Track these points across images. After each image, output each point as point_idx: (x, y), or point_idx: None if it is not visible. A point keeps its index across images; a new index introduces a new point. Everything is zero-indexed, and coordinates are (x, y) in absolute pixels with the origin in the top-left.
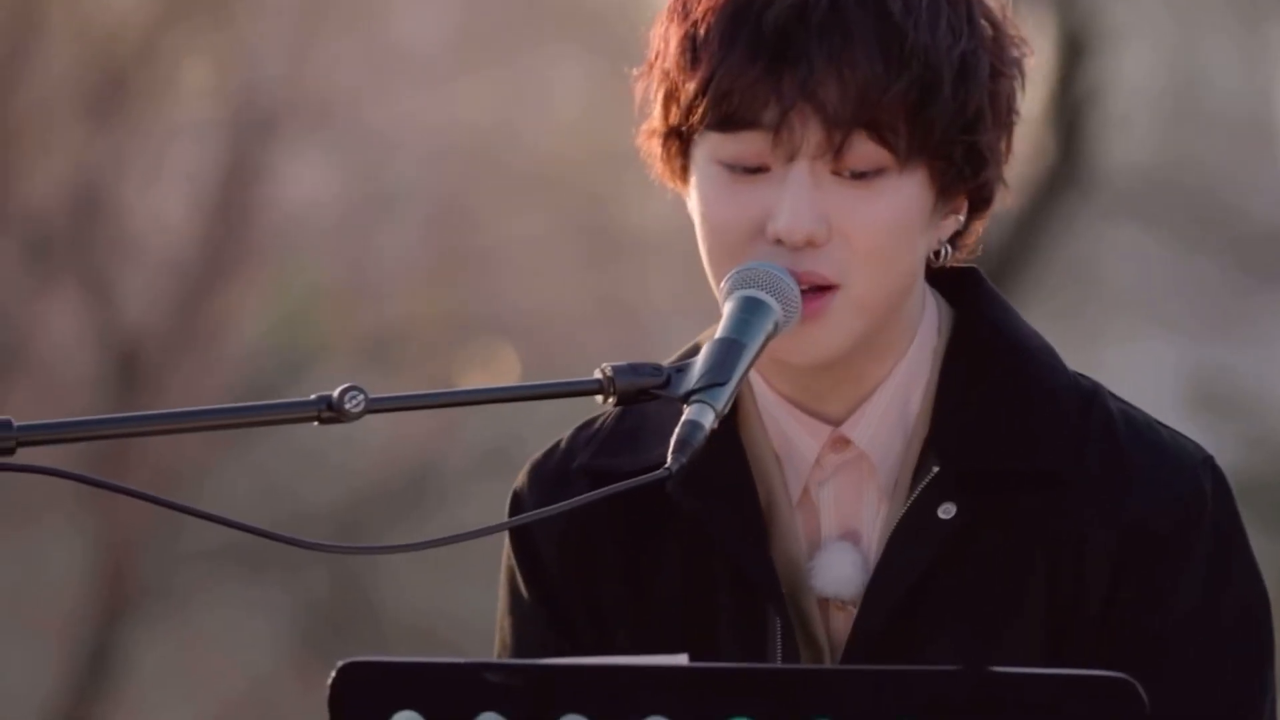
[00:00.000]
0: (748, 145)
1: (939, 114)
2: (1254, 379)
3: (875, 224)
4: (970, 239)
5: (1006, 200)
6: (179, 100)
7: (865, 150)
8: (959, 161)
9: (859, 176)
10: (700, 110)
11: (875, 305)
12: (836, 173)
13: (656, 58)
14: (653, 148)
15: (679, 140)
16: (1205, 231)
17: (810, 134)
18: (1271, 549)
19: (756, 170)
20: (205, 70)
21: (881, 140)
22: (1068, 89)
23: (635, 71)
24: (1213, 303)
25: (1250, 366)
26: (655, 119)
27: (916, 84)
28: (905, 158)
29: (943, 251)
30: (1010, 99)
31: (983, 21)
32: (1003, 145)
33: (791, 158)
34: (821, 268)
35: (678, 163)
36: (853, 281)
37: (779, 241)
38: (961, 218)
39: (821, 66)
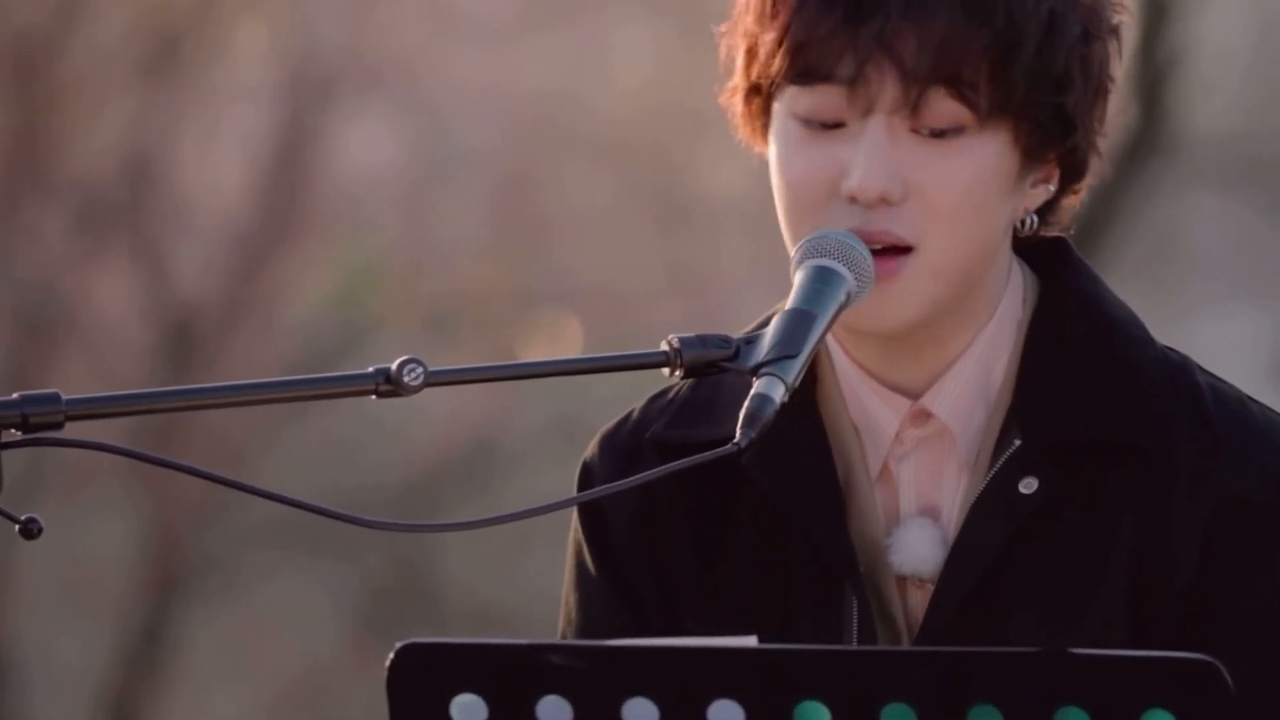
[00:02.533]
0: (824, 99)
1: (1022, 71)
2: None
3: (953, 183)
4: (1063, 214)
5: (1102, 171)
6: (234, 64)
7: (944, 106)
8: (1045, 124)
9: (937, 134)
10: (777, 63)
11: (951, 270)
12: (914, 129)
13: (740, 13)
14: (735, 106)
15: (760, 97)
16: None
17: (887, 88)
18: None
19: (834, 127)
20: (261, 33)
21: (961, 96)
22: (1150, 52)
23: (721, 29)
24: None
25: None
26: (737, 76)
27: (999, 39)
28: (986, 115)
29: (1028, 221)
30: (1104, 64)
31: None
32: (1096, 112)
33: (868, 112)
34: (896, 227)
35: (759, 121)
36: (928, 244)
37: (853, 199)
38: (1052, 187)
39: (898, 18)
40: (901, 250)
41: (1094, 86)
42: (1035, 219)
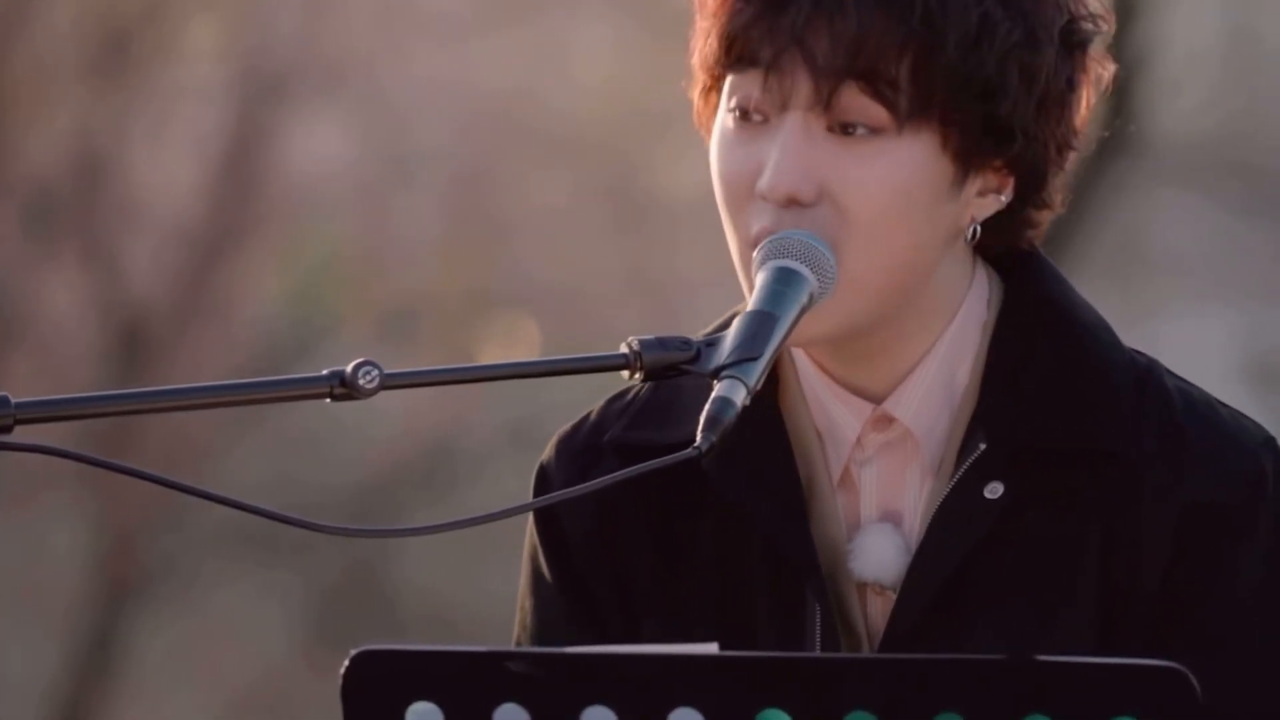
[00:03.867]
0: (750, 88)
1: (943, 73)
2: None
3: (870, 188)
4: (1026, 228)
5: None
6: (186, 61)
7: (859, 104)
8: (975, 130)
9: (852, 132)
10: (712, 49)
11: (871, 283)
12: (830, 128)
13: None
14: (697, 102)
15: (712, 92)
16: (1263, 198)
17: (800, 83)
18: None
19: (760, 122)
20: (213, 29)
21: (876, 94)
22: (1118, 50)
23: (690, 30)
24: (1272, 273)
25: None
26: (694, 69)
27: (915, 37)
28: (906, 117)
29: (973, 231)
30: (1055, 73)
31: None
32: (1051, 124)
33: (784, 107)
34: (805, 229)
35: (711, 114)
36: (841, 253)
37: (764, 199)
38: (1004, 198)
39: (811, 10)
40: None
41: (1041, 95)
42: (978, 229)
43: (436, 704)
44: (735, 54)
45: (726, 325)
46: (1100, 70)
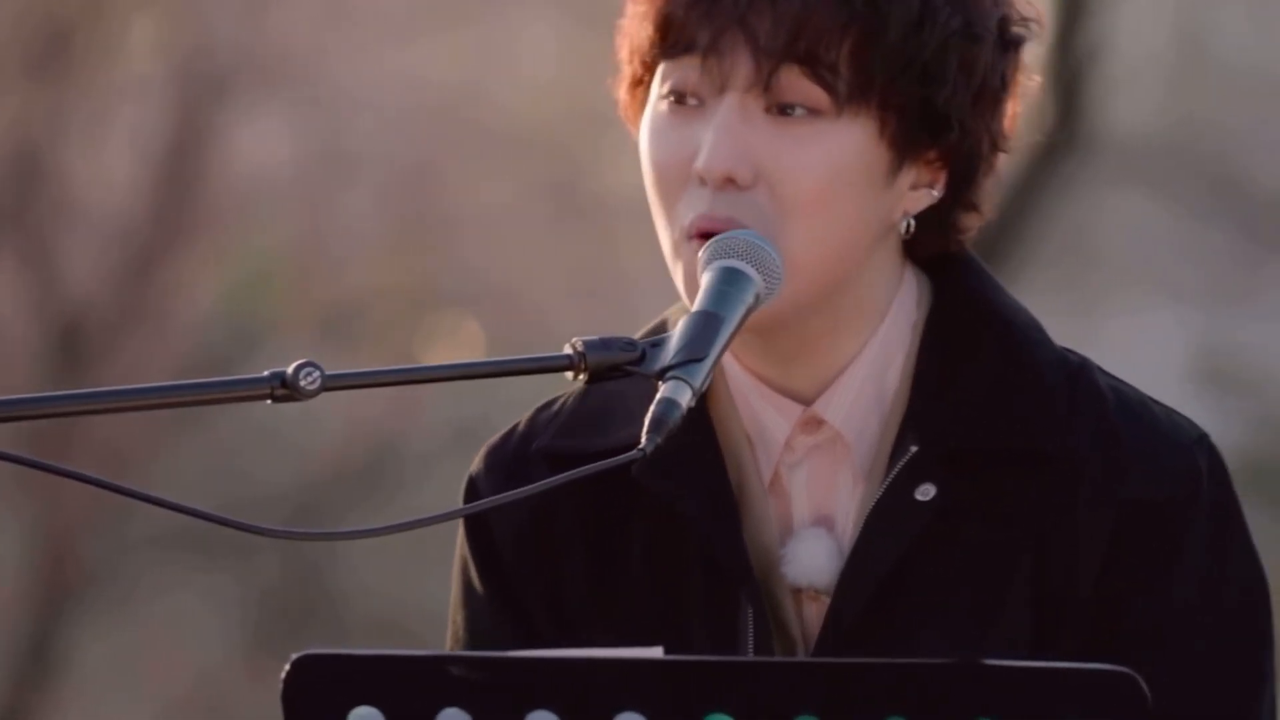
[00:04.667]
0: (686, 73)
1: (883, 56)
2: (1264, 354)
3: (806, 170)
4: (955, 231)
5: (1009, 173)
6: (125, 59)
7: (799, 86)
8: (912, 117)
9: (790, 114)
10: (645, 37)
11: (806, 268)
12: (768, 110)
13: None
14: (622, 96)
15: (640, 86)
16: (1212, 198)
17: (739, 64)
18: None
19: (695, 106)
20: (154, 27)
21: (816, 77)
22: (1066, 47)
23: (618, 24)
24: (1220, 273)
25: (1260, 341)
26: (622, 63)
27: (857, 19)
28: (845, 100)
29: (907, 225)
30: (992, 68)
31: None
32: (985, 118)
33: (722, 89)
34: (741, 214)
35: (639, 109)
36: (778, 237)
37: (701, 181)
38: (936, 192)
39: None
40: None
41: (978, 88)
42: (912, 222)
43: (379, 709)
44: (672, 39)
45: (662, 326)
46: (1026, 81)
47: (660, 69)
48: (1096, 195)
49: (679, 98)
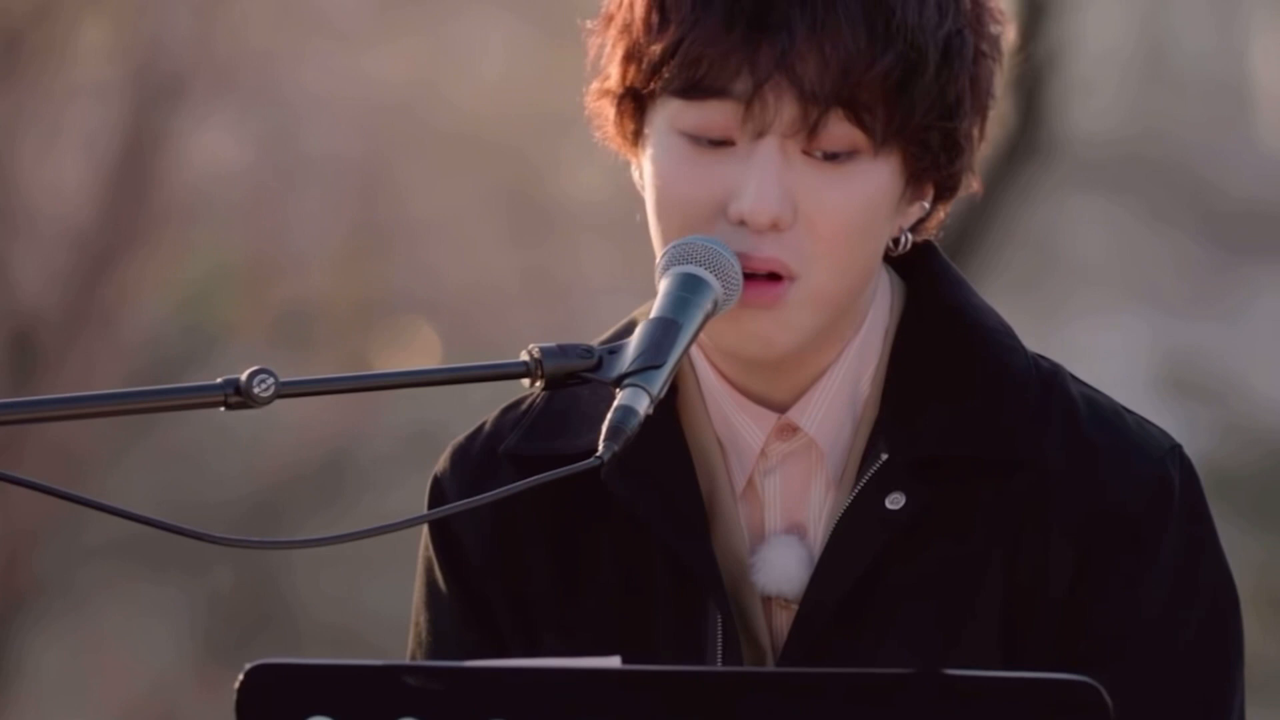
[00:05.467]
0: (714, 116)
1: (920, 97)
2: (1228, 361)
3: (843, 209)
4: (932, 224)
5: (974, 186)
6: (78, 62)
7: (840, 131)
8: (935, 149)
9: (831, 158)
10: (666, 75)
11: (832, 299)
12: (807, 152)
13: (617, 10)
14: (603, 109)
15: (635, 103)
16: (1175, 202)
17: (784, 110)
18: (1249, 543)
19: (720, 143)
20: (106, 29)
21: (858, 121)
22: (1028, 51)
23: (589, 25)
24: (1183, 279)
25: (1224, 348)
26: (611, 79)
27: (900, 63)
28: (881, 141)
29: (903, 240)
30: (989, 82)
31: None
32: (977, 131)
33: (761, 134)
34: (784, 254)
35: (630, 127)
36: (812, 271)
37: (741, 222)
38: (926, 205)
39: (803, 38)
40: (783, 278)
41: (980, 107)
42: (909, 237)
43: (333, 719)
44: (701, 82)
45: (626, 330)
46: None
47: (671, 104)
48: (1058, 200)
49: (704, 137)
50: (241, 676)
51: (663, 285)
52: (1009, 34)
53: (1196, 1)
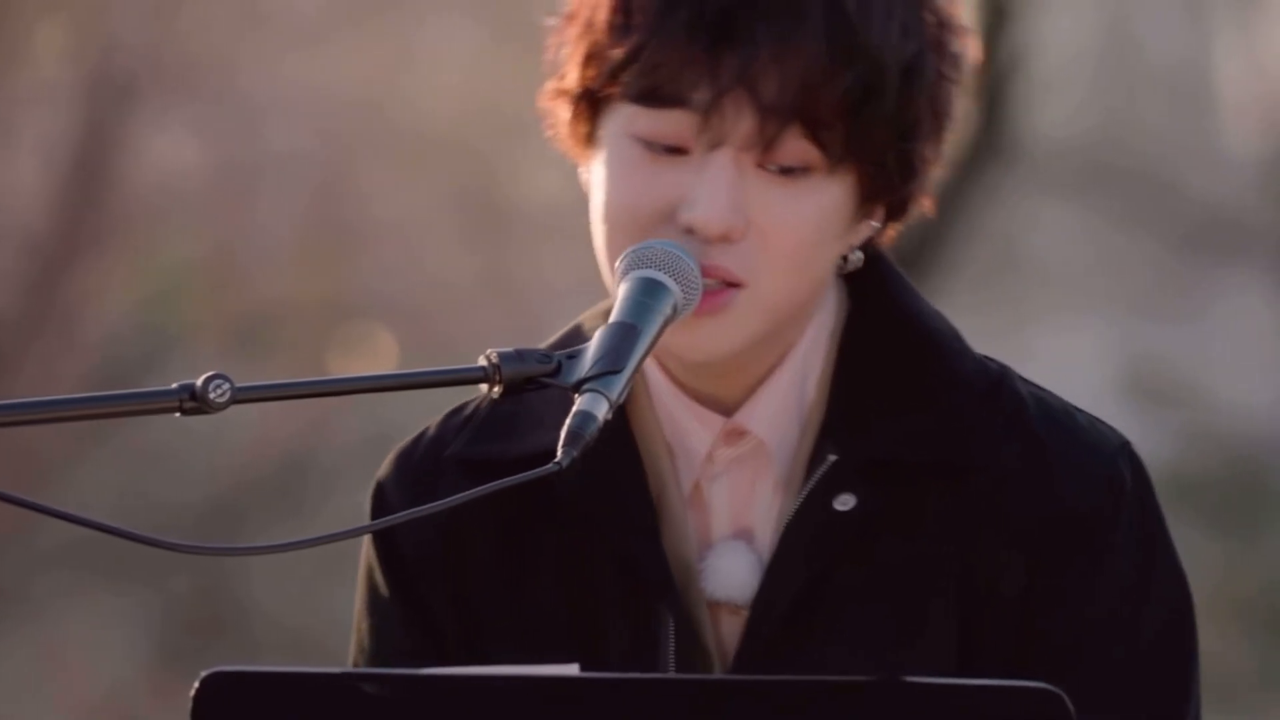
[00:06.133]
0: (670, 124)
1: (879, 117)
2: (1194, 366)
3: (795, 224)
4: (883, 238)
5: (925, 207)
6: (32, 63)
7: (796, 146)
8: (890, 169)
9: (785, 172)
10: (625, 80)
11: (779, 310)
12: (761, 165)
13: (579, 9)
14: (558, 109)
15: (590, 105)
16: (1140, 206)
17: (742, 122)
18: (1212, 549)
19: (674, 151)
20: (62, 30)
21: (815, 138)
22: (991, 52)
23: (550, 23)
24: (1149, 283)
25: (1190, 353)
26: (569, 79)
27: (861, 82)
28: (838, 159)
29: (852, 258)
30: (948, 105)
31: (930, 17)
32: (933, 153)
33: (717, 144)
34: (732, 264)
35: (584, 129)
36: (760, 282)
37: (690, 231)
38: (876, 224)
39: (766, 52)
40: (731, 285)
41: (939, 127)
42: (860, 255)
43: None
44: (660, 90)
45: (573, 333)
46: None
47: (627, 110)
48: (1021, 204)
49: (659, 144)
50: (197, 684)
51: (622, 290)
52: (971, 50)
53: (1161, 3)
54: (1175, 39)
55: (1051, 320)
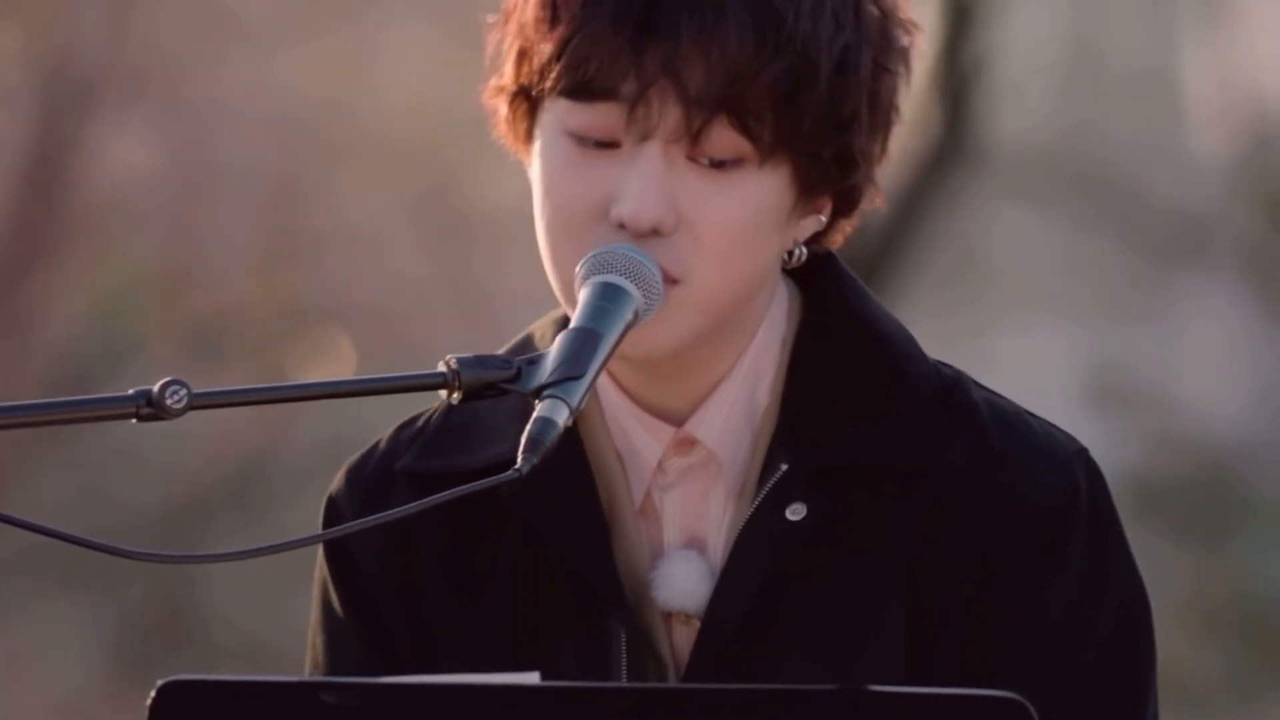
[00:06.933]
0: (600, 117)
1: (810, 108)
2: (1159, 372)
3: (727, 218)
4: (836, 238)
5: (876, 201)
6: None
7: (725, 138)
8: (826, 162)
9: (716, 165)
10: (553, 74)
11: (715, 305)
12: (691, 158)
13: (514, 9)
14: (498, 106)
15: (527, 102)
16: (1105, 210)
17: (669, 114)
18: (1179, 556)
19: (607, 146)
20: (15, 33)
21: (744, 129)
22: (954, 55)
23: (490, 20)
24: (1114, 288)
25: (1156, 358)
26: (505, 76)
27: (789, 73)
28: (769, 151)
29: (796, 253)
30: (891, 97)
31: (871, 9)
32: (877, 147)
33: (645, 137)
34: (664, 259)
35: (523, 126)
36: (694, 278)
37: (622, 226)
38: (823, 218)
39: (689, 43)
40: (666, 281)
41: (880, 123)
42: (804, 250)
43: None
44: (588, 85)
45: (522, 346)
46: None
47: (559, 104)
48: (984, 208)
49: (590, 139)
50: (154, 693)
51: (582, 294)
52: (920, 44)
53: (1126, 6)
54: (1140, 42)
55: (1016, 325)
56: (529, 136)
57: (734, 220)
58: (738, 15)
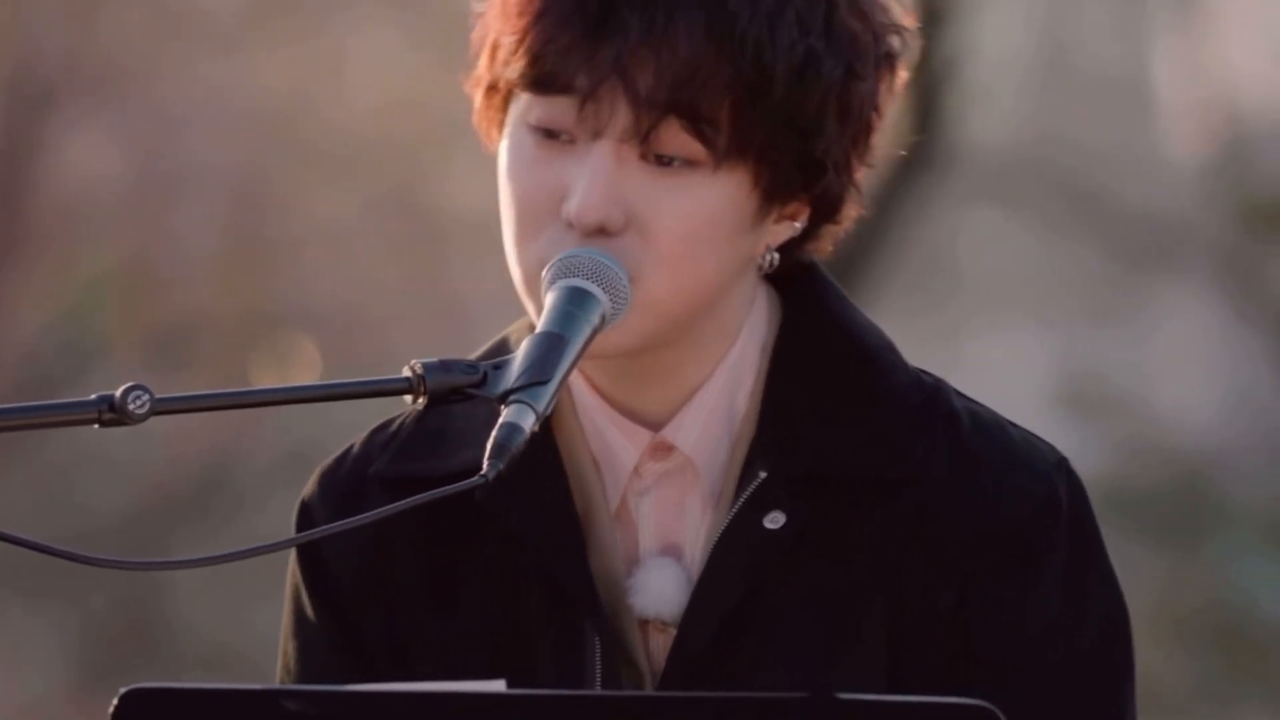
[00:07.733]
0: (558, 111)
1: (766, 113)
2: (1130, 377)
3: (677, 219)
4: (819, 245)
5: (856, 210)
6: None
7: (678, 140)
8: (788, 167)
9: (667, 164)
10: (513, 66)
11: (669, 309)
12: (644, 157)
13: (492, 3)
14: (476, 98)
15: (498, 94)
16: (1076, 214)
17: (619, 112)
18: (1152, 563)
19: (566, 141)
20: None
21: (696, 132)
22: (924, 58)
23: (479, 11)
24: (1086, 292)
25: (1126, 363)
26: (480, 68)
27: (741, 78)
28: (723, 155)
29: (770, 259)
30: (867, 102)
31: (845, 17)
32: (857, 151)
33: (598, 134)
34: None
35: (496, 117)
36: (645, 279)
37: (570, 224)
38: (799, 225)
39: (637, 42)
40: None
41: (854, 128)
42: (776, 256)
43: None
44: (546, 78)
45: (497, 349)
46: (898, 89)
47: (525, 97)
48: (954, 212)
49: (548, 132)
50: (116, 701)
51: (549, 299)
52: (909, 45)
53: (1098, 9)
54: (1112, 44)
55: (987, 329)
56: (500, 129)
57: (685, 222)
58: (690, 16)
